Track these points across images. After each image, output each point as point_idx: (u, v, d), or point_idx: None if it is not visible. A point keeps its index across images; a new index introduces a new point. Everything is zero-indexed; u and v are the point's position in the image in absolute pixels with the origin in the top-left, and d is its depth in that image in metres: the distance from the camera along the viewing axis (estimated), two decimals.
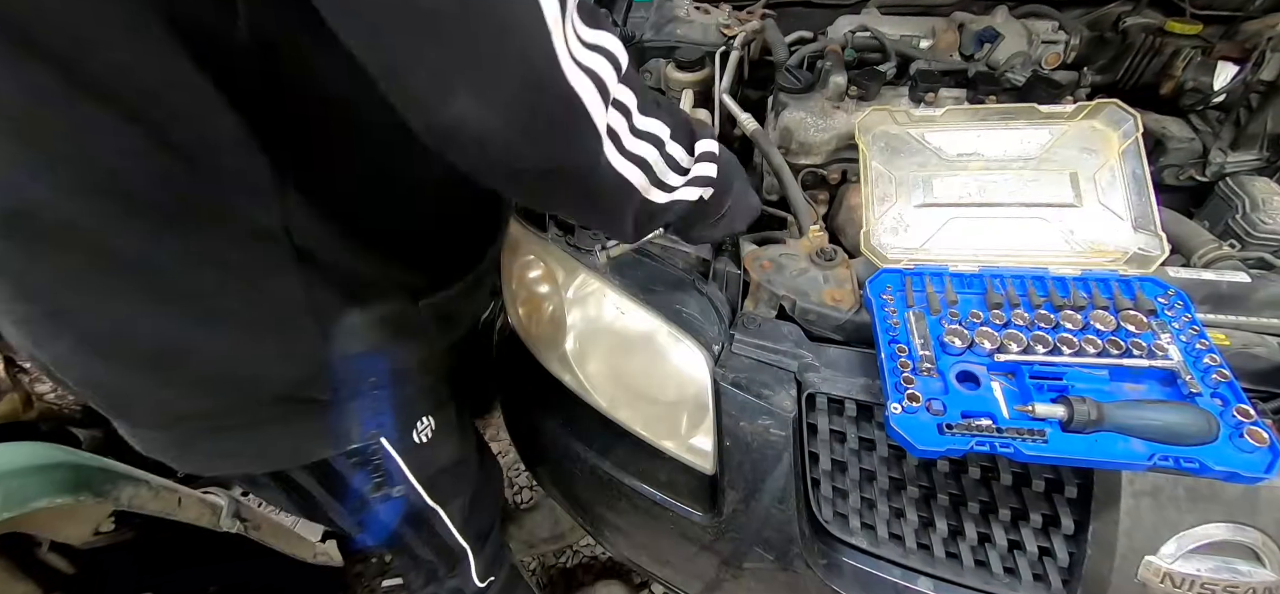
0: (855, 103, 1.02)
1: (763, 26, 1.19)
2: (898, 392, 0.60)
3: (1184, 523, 0.59)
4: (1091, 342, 0.62)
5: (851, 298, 0.74)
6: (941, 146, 0.83)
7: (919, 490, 0.71)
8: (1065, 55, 1.10)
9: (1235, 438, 0.53)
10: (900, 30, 1.15)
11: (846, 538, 0.75)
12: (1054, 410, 0.55)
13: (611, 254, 0.79)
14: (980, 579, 0.68)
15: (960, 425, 0.56)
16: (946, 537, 0.70)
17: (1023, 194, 0.77)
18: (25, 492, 0.64)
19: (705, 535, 0.81)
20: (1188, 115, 1.07)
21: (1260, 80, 0.95)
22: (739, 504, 0.77)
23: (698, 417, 0.79)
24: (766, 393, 0.72)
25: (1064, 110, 0.82)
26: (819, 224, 0.84)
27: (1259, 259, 0.83)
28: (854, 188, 1.01)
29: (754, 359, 0.74)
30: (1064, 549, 0.65)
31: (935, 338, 0.65)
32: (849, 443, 0.71)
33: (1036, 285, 0.68)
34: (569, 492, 0.99)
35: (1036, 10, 1.16)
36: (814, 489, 0.75)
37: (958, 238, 0.76)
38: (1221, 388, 0.56)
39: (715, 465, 0.79)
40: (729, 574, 0.83)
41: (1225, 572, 0.58)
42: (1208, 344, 0.60)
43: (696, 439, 0.80)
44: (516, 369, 1.01)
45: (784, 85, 1.05)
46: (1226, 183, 0.95)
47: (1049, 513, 0.65)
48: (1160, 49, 1.13)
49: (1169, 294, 0.65)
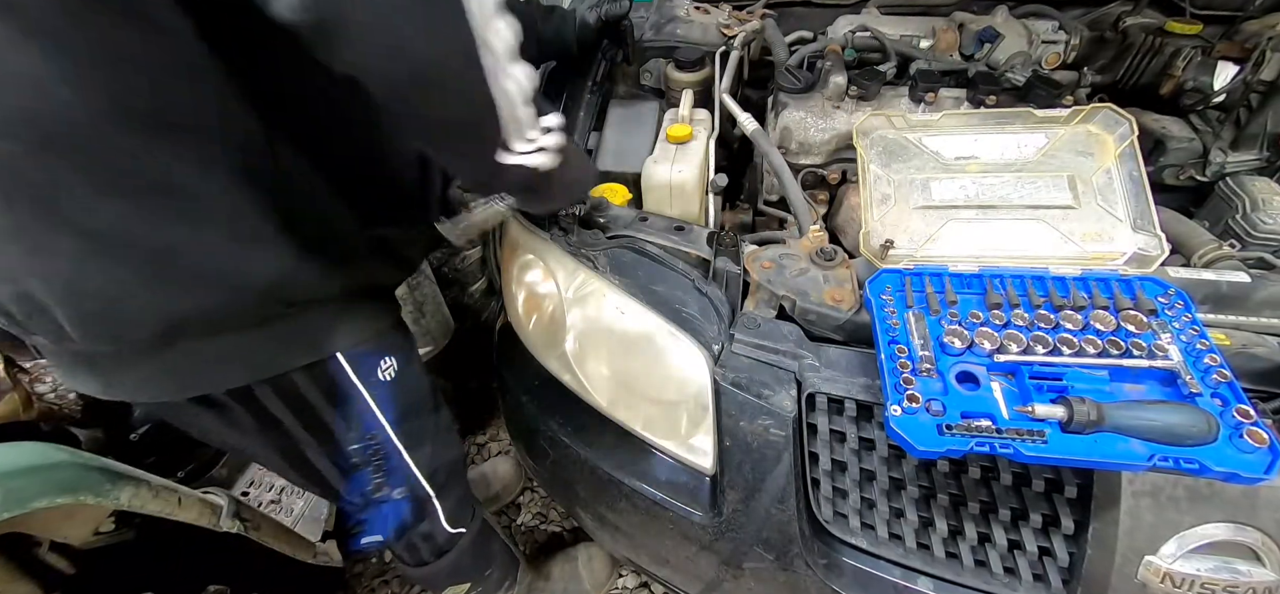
0: (855, 103, 1.02)
1: (763, 26, 1.19)
2: (897, 392, 0.60)
3: (1184, 523, 0.59)
4: (1091, 342, 0.62)
5: (851, 298, 0.74)
6: (939, 150, 0.83)
7: (919, 490, 0.71)
8: (1065, 55, 1.10)
9: (1235, 438, 0.53)
10: (900, 30, 1.15)
11: (846, 538, 0.75)
12: (1054, 411, 0.55)
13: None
14: (980, 579, 0.68)
15: (960, 426, 0.56)
16: (946, 537, 0.70)
17: (1021, 196, 0.78)
18: (25, 492, 0.64)
19: (705, 535, 0.81)
20: (1188, 115, 1.07)
21: (1260, 80, 0.95)
22: (739, 504, 0.77)
23: (698, 417, 0.79)
24: (766, 393, 0.72)
25: (1059, 115, 0.82)
26: (819, 224, 0.84)
27: (1259, 259, 0.83)
28: (854, 188, 1.01)
29: (754, 359, 0.74)
30: (1064, 549, 0.65)
31: (935, 338, 0.65)
32: (849, 443, 0.71)
33: (1036, 285, 0.68)
34: (569, 491, 0.99)
35: (1036, 10, 1.16)
36: (814, 489, 0.75)
37: (957, 239, 0.76)
38: (1221, 388, 0.56)
39: (715, 465, 0.79)
40: (729, 574, 0.83)
41: (1225, 572, 0.58)
42: (1208, 344, 0.60)
43: (697, 439, 0.81)
44: (516, 369, 1.01)
45: (784, 85, 1.05)
46: (1226, 183, 0.96)
47: (1049, 513, 0.65)
48: (1160, 49, 1.13)
49: (1169, 294, 0.65)
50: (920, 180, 0.81)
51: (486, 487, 1.53)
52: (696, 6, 1.29)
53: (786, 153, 1.02)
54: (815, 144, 1.01)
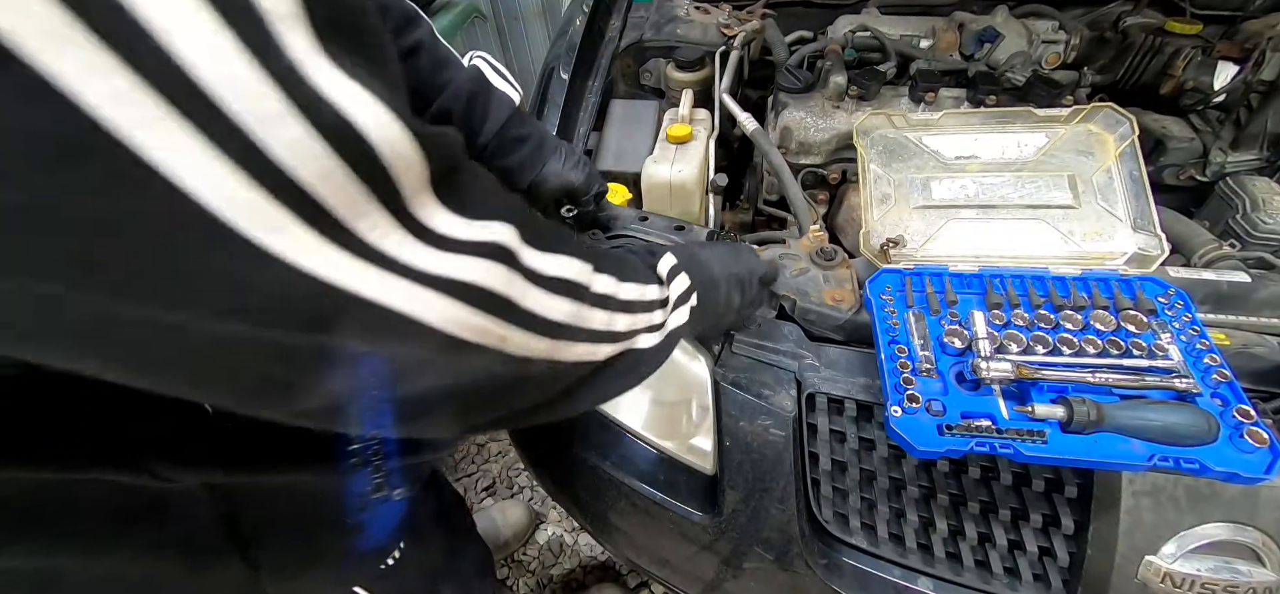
0: (855, 102, 1.02)
1: (763, 26, 1.19)
2: (897, 392, 0.60)
3: (1184, 523, 0.59)
4: (1092, 342, 0.62)
5: (851, 298, 0.74)
6: (939, 149, 0.83)
7: (919, 491, 0.71)
8: (1065, 55, 1.10)
9: (1235, 438, 0.53)
10: (900, 30, 1.15)
11: (846, 538, 0.75)
12: (1054, 411, 0.55)
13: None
14: (980, 579, 0.68)
15: (960, 426, 0.56)
16: (946, 537, 0.70)
17: (1021, 196, 0.77)
18: None
19: (705, 535, 0.81)
20: (1188, 115, 1.07)
21: (1260, 80, 0.95)
22: (739, 504, 0.76)
23: (698, 417, 0.79)
24: (766, 393, 0.72)
25: (1060, 114, 0.82)
26: (819, 224, 0.84)
27: (1259, 259, 0.83)
28: (854, 188, 1.01)
29: (754, 359, 0.73)
30: (1064, 549, 0.65)
31: (935, 338, 0.65)
32: (849, 443, 0.71)
33: (1036, 285, 0.68)
34: (569, 492, 0.99)
35: (1036, 10, 1.16)
36: (814, 489, 0.75)
37: (957, 239, 0.76)
38: (1221, 388, 0.56)
39: (715, 465, 0.79)
40: (729, 574, 0.83)
41: (1225, 572, 0.58)
42: (1208, 344, 0.60)
43: (697, 439, 0.80)
44: None
45: (784, 85, 1.05)
46: (1227, 182, 0.96)
47: (1049, 513, 0.65)
48: (1160, 49, 1.13)
49: (1169, 294, 0.65)
50: (920, 180, 0.81)
51: (496, 534, 1.47)
52: (696, 6, 1.29)
53: (786, 153, 1.02)
54: (815, 144, 1.01)
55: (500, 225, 0.33)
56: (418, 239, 0.28)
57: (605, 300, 0.42)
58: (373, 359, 0.28)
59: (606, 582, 1.46)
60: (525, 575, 1.51)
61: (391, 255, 0.27)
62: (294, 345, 0.25)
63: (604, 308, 0.42)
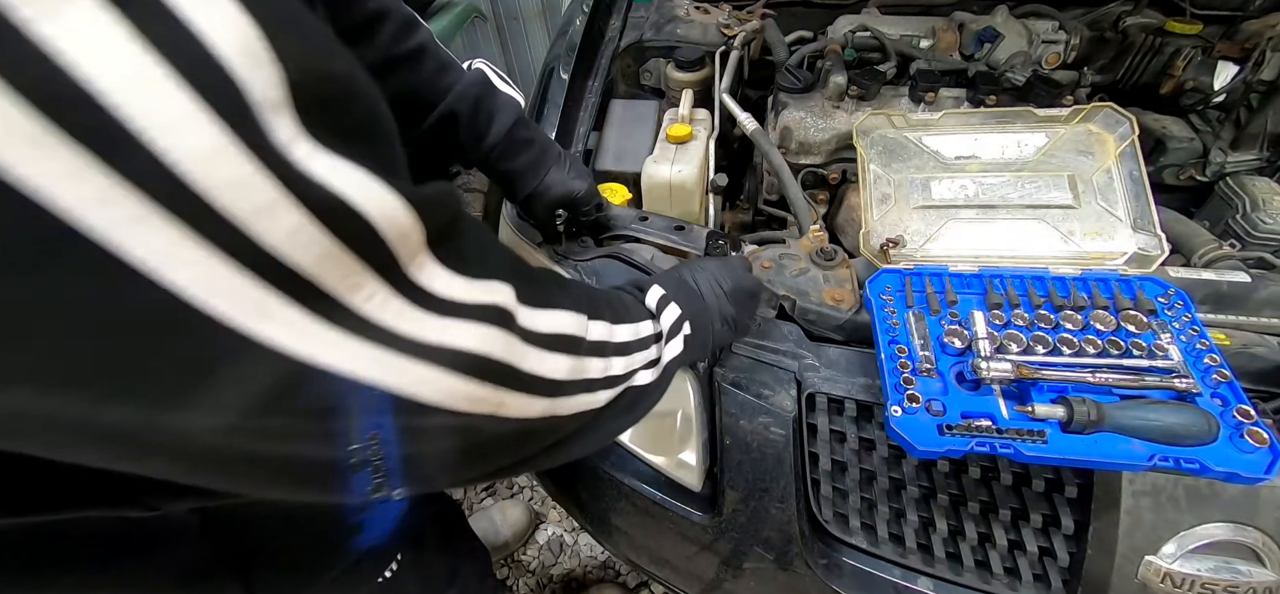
0: (855, 102, 1.02)
1: (763, 26, 1.19)
2: (897, 392, 0.60)
3: (1184, 523, 0.59)
4: (1092, 342, 0.62)
5: (851, 298, 0.74)
6: (939, 149, 0.83)
7: (919, 491, 0.71)
8: (1065, 55, 1.10)
9: (1235, 438, 0.53)
10: (900, 30, 1.15)
11: (846, 538, 0.75)
12: (1054, 411, 0.55)
13: None
14: (980, 579, 0.68)
15: (960, 426, 0.56)
16: (946, 537, 0.70)
17: (1021, 196, 0.77)
18: None
19: (705, 535, 0.81)
20: (1188, 115, 1.07)
21: (1260, 80, 0.95)
22: (739, 504, 0.76)
23: (683, 429, 0.79)
24: (766, 393, 0.71)
25: (1060, 114, 0.82)
26: (819, 224, 0.84)
27: (1259, 259, 0.83)
28: (854, 188, 1.01)
29: (754, 359, 0.73)
30: (1064, 549, 0.65)
31: (935, 338, 0.65)
32: (849, 443, 0.71)
33: (1036, 285, 0.68)
34: (569, 492, 0.99)
35: (1036, 10, 1.16)
36: (814, 489, 0.75)
37: (956, 239, 0.76)
38: (1221, 388, 0.56)
39: (704, 468, 0.79)
40: (729, 574, 0.83)
41: (1225, 572, 0.58)
42: (1208, 344, 0.60)
43: (684, 455, 0.80)
44: None
45: (784, 85, 1.05)
46: (1227, 183, 0.96)
47: (1049, 513, 0.65)
48: (1160, 49, 1.13)
49: (1169, 294, 0.65)
50: (920, 180, 0.81)
51: (496, 534, 1.47)
52: (696, 6, 1.29)
53: (786, 152, 1.02)
54: (815, 144, 1.01)
55: (499, 285, 0.33)
56: (417, 306, 0.28)
57: (601, 347, 0.42)
58: (376, 435, 0.28)
59: (606, 582, 1.46)
60: (525, 575, 1.51)
61: (390, 327, 0.27)
62: (304, 430, 0.25)
63: (600, 355, 0.42)
